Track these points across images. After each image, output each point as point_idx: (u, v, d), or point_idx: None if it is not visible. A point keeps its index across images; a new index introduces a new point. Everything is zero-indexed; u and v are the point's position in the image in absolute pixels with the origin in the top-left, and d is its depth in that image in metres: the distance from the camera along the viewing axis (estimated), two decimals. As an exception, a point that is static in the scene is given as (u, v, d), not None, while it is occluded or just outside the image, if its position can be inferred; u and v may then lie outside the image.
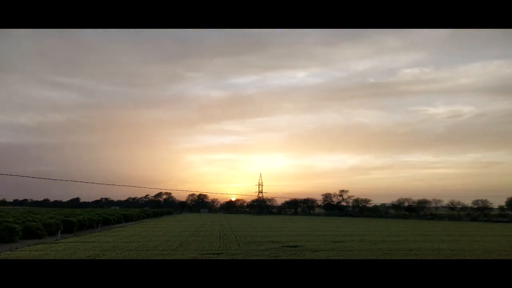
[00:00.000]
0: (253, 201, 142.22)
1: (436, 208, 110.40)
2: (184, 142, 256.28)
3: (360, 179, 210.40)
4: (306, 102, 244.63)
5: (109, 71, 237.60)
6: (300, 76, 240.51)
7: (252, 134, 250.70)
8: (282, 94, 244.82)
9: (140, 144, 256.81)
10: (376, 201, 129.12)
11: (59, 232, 32.88)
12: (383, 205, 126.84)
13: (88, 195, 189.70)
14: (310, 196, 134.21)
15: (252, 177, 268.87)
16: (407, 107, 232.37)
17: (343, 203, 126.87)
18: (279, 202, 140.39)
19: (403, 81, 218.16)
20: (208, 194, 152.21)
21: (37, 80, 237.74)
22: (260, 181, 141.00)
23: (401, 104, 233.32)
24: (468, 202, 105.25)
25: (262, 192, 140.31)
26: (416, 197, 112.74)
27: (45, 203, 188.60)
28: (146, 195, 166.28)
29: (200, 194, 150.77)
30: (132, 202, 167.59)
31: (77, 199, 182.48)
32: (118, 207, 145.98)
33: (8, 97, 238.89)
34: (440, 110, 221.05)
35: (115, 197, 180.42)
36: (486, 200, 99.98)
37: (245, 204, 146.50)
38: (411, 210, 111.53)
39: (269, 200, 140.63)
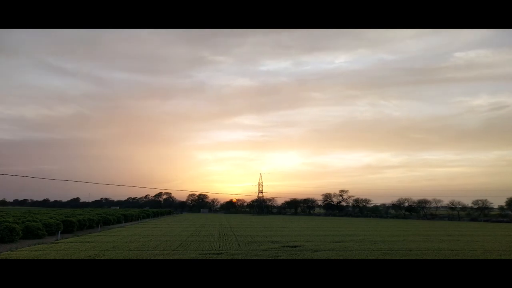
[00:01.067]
0: (253, 201, 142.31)
1: (436, 208, 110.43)
2: (196, 138, 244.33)
3: (371, 178, 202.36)
4: (339, 92, 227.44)
5: (124, 54, 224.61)
6: (339, 61, 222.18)
7: (270, 130, 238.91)
8: (315, 83, 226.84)
9: (149, 140, 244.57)
10: (377, 201, 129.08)
11: (59, 232, 32.88)
12: (383, 205, 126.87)
13: (88, 195, 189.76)
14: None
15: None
16: (448, 98, 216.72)
17: (343, 203, 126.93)
18: (279, 202, 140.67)
19: (452, 66, 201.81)
20: (208, 194, 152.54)
21: (42, 66, 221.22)
22: (260, 181, 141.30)
23: (442, 94, 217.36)
24: (468, 202, 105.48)
25: (262, 192, 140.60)
26: (416, 197, 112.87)
27: (45, 203, 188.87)
28: (146, 195, 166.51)
29: (200, 194, 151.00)
30: (132, 202, 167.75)
31: (77, 199, 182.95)
32: (118, 207, 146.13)
33: (9, 85, 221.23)
34: (482, 101, 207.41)
35: (115, 197, 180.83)
36: (486, 200, 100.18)
37: (245, 204, 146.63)
38: (411, 210, 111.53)
39: (269, 200, 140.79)
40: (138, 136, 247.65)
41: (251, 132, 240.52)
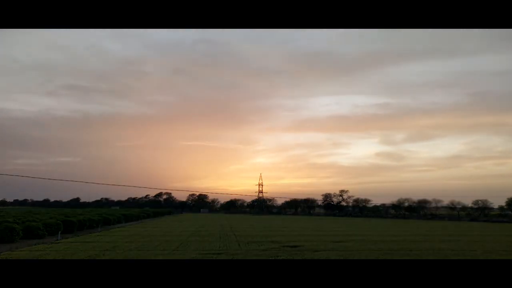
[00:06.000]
0: (253, 201, 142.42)
1: (436, 208, 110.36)
2: (279, 112, 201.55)
3: (441, 174, 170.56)
4: None
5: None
6: None
7: (404, 94, 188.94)
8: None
9: (219, 119, 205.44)
10: (376, 201, 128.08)
11: (59, 232, 32.89)
12: (383, 205, 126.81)
13: (88, 195, 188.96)
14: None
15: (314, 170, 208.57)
16: None
17: (343, 203, 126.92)
18: (279, 202, 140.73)
19: None
20: (209, 194, 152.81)
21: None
22: (260, 181, 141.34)
23: None
24: (468, 202, 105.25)
25: (262, 192, 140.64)
26: (416, 197, 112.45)
27: (45, 203, 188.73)
28: (147, 195, 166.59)
29: (200, 194, 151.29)
30: (132, 202, 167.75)
31: (77, 199, 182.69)
32: (118, 207, 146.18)
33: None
34: None
35: (115, 197, 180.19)
36: (486, 200, 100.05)
37: (245, 204, 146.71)
38: (411, 210, 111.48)
39: (269, 200, 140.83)
40: (201, 114, 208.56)
41: (367, 98, 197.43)
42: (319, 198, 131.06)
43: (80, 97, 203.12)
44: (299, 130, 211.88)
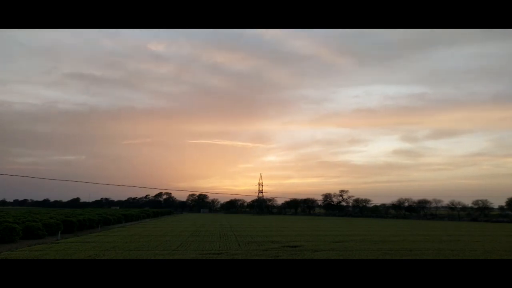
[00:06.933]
0: (253, 201, 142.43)
1: (436, 208, 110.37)
2: (303, 103, 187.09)
3: (457, 173, 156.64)
4: None
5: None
6: None
7: (452, 82, 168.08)
8: None
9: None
10: (376, 201, 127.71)
11: (59, 232, 32.88)
12: (383, 205, 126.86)
13: (88, 195, 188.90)
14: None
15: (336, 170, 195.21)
16: None
17: (343, 203, 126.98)
18: (279, 202, 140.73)
19: None
20: (209, 194, 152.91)
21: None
22: (260, 181, 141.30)
23: None
24: (468, 202, 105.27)
25: (262, 192, 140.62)
26: (416, 197, 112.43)
27: (45, 203, 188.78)
28: (147, 195, 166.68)
29: (200, 194, 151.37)
30: (132, 202, 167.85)
31: (77, 199, 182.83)
32: (118, 207, 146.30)
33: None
34: None
35: (115, 197, 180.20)
36: (486, 200, 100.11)
37: (245, 204, 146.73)
38: (411, 210, 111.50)
39: (269, 200, 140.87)
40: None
41: (402, 88, 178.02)
42: (319, 198, 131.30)
43: (87, 88, 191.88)
44: (319, 125, 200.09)
